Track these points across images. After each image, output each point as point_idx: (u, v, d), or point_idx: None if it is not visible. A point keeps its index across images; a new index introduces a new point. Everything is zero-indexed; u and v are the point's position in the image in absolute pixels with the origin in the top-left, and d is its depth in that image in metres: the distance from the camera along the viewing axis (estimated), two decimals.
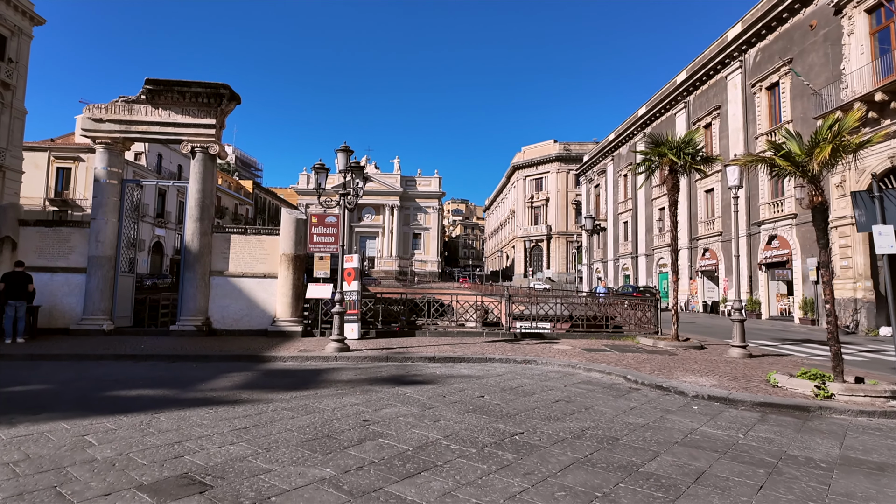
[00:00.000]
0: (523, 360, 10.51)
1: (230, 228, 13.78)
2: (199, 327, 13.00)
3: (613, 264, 49.41)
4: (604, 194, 52.34)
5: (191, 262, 13.18)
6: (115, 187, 13.28)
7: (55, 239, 13.17)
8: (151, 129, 13.16)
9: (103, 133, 13.06)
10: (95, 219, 13.04)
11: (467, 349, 11.61)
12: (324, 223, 13.60)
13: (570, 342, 13.39)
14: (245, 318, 13.52)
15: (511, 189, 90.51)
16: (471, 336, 13.87)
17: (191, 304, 13.10)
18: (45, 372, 8.72)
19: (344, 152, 11.05)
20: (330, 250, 13.53)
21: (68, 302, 13.06)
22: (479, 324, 14.86)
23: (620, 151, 48.19)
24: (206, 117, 13.26)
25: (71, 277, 13.11)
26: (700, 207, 34.58)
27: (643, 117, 42.61)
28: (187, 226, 13.34)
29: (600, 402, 7.23)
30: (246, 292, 13.56)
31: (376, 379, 8.54)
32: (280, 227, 13.71)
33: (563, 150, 76.71)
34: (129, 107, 13.12)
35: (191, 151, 13.35)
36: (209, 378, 8.35)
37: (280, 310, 13.40)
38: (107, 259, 13.00)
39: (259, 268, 13.67)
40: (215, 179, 13.71)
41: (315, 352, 10.83)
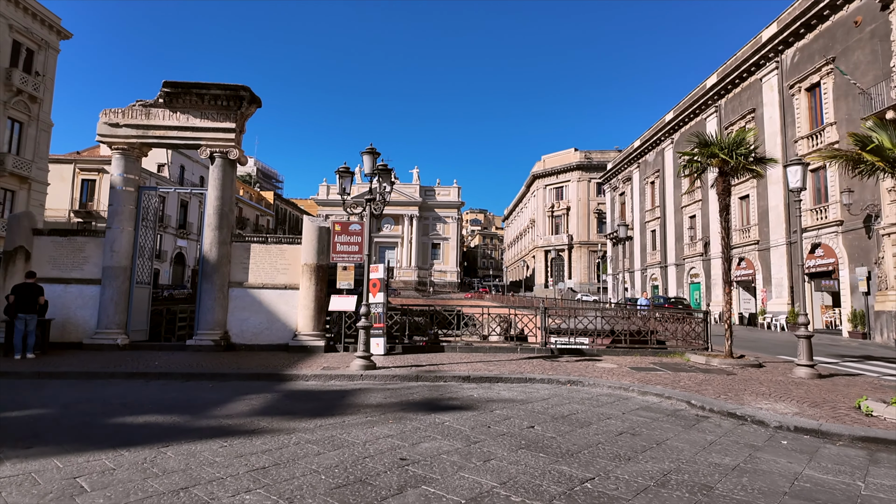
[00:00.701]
0: (567, 380, 9.51)
1: (250, 237, 13.12)
2: (217, 342, 12.29)
3: (640, 274, 47.88)
4: (629, 202, 50.96)
5: (209, 273, 12.52)
6: (132, 195, 12.73)
7: (69, 249, 12.64)
8: (169, 133, 12.60)
9: (120, 138, 12.54)
10: (111, 227, 12.48)
11: (503, 367, 10.66)
12: (347, 231, 12.82)
13: (614, 359, 12.32)
14: (265, 331, 12.77)
15: (531, 198, 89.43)
16: (504, 352, 12.90)
17: (208, 317, 12.41)
18: (50, 393, 8.03)
19: (370, 154, 10.29)
20: (354, 260, 12.74)
21: (82, 315, 12.48)
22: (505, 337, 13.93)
23: (647, 158, 46.88)
24: (225, 121, 12.66)
25: (85, 289, 12.54)
26: (734, 215, 33.06)
27: (670, 123, 41.34)
28: (205, 234, 12.70)
29: (671, 435, 6.22)
30: (266, 304, 12.84)
31: (409, 403, 7.64)
32: (301, 235, 12.99)
33: (584, 158, 75.51)
34: (147, 111, 12.59)
35: (209, 157, 12.75)
36: (225, 401, 7.55)
37: (302, 323, 12.63)
38: (122, 270, 12.41)
39: (280, 279, 12.95)
40: (235, 186, 13.09)
41: (339, 370, 9.99)
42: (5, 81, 32.71)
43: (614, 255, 54.75)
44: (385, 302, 12.32)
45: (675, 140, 41.39)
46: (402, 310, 13.36)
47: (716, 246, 34.91)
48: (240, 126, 12.89)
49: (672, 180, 41.51)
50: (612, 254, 55.06)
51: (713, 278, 35.41)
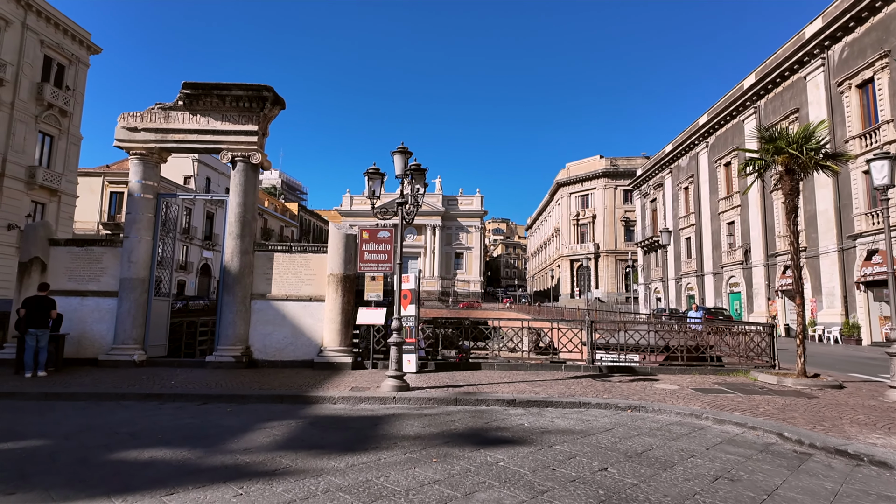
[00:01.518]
0: (628, 405, 8.36)
1: (273, 245, 12.34)
2: (238, 358, 11.48)
3: (675, 284, 45.99)
4: (661, 209, 49.21)
5: (230, 284, 11.76)
6: (150, 202, 12.10)
7: (86, 260, 12.05)
8: (189, 137, 11.95)
9: (138, 143, 11.95)
10: (128, 237, 11.84)
11: (550, 389, 9.55)
12: (376, 239, 11.94)
13: (671, 378, 11.09)
14: (289, 347, 11.93)
15: (555, 206, 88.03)
16: (547, 370, 11.78)
17: (229, 332, 11.63)
18: (54, 418, 7.26)
19: (402, 154, 9.39)
20: (383, 269, 11.84)
21: (98, 329, 11.83)
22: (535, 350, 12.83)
23: (679, 163, 45.22)
24: (247, 123, 11.96)
25: (101, 302, 11.91)
26: (777, 220, 31.31)
27: (705, 126, 39.73)
28: (226, 243, 11.97)
29: (778, 481, 5.06)
30: (290, 318, 12.00)
31: (452, 435, 6.61)
32: (327, 244, 12.15)
33: (610, 165, 73.97)
34: (166, 114, 11.99)
35: (231, 161, 12.05)
36: (244, 430, 6.65)
37: (328, 337, 11.75)
38: (139, 281, 11.74)
39: (305, 290, 12.12)
40: (257, 192, 12.36)
41: (369, 390, 9.03)
42: (37, 96, 33.14)
43: (646, 264, 52.94)
44: (417, 315, 11.36)
45: (709, 144, 39.76)
46: (433, 323, 12.36)
47: (757, 253, 33.14)
48: (262, 128, 12.18)
49: (708, 185, 39.82)
50: (644, 262, 53.24)
51: (755, 287, 33.57)
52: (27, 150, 32.55)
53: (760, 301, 32.83)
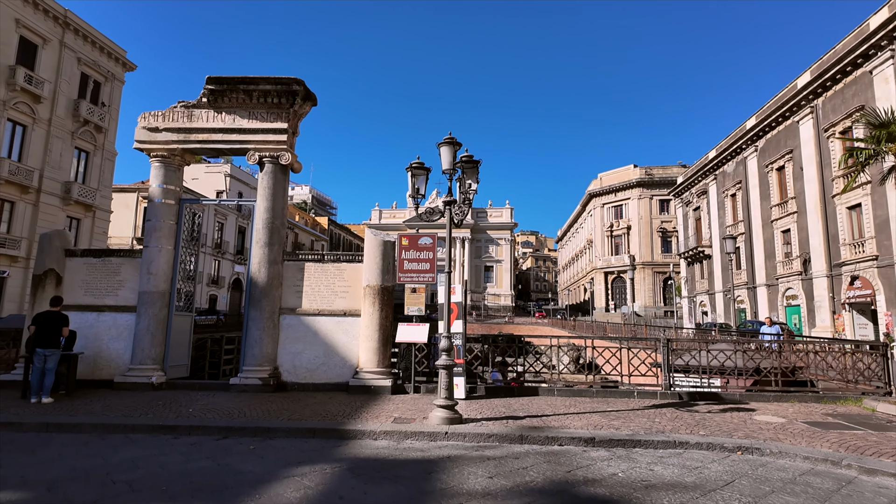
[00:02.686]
0: (735, 445, 6.73)
1: (304, 255, 11.16)
2: (266, 380, 10.27)
3: (722, 297, 43.29)
4: (705, 217, 46.69)
5: (257, 298, 10.60)
6: (172, 208, 11.10)
7: (104, 272, 11.09)
8: (213, 137, 10.94)
9: (159, 145, 11.01)
10: (147, 246, 10.84)
11: (630, 422, 7.97)
12: (416, 245, 10.62)
13: (767, 408, 9.33)
14: (321, 367, 10.66)
15: (587, 218, 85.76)
16: (616, 397, 10.16)
17: (256, 350, 10.45)
18: (47, 456, 6.09)
19: (449, 145, 8.07)
20: (425, 280, 10.49)
21: (115, 348, 10.81)
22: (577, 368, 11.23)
23: (725, 169, 42.84)
24: (276, 121, 10.90)
25: (119, 318, 10.91)
26: (842, 227, 28.81)
27: (753, 130, 37.43)
28: (253, 252, 10.85)
29: None
30: (322, 335, 10.75)
31: (529, 491, 5.13)
32: (363, 252, 10.90)
33: (645, 174, 71.57)
34: (189, 113, 11.02)
35: (258, 162, 10.98)
36: (267, 479, 5.32)
37: (364, 357, 10.44)
38: (159, 295, 10.69)
39: (338, 304, 10.87)
40: (287, 196, 11.26)
41: (415, 423, 7.63)
42: (73, 112, 33.43)
43: (689, 276, 50.30)
44: (464, 332, 9.94)
45: (759, 148, 37.42)
46: (488, 340, 10.89)
47: (819, 263, 30.59)
48: (293, 126, 11.09)
49: (758, 191, 37.40)
50: (687, 274, 50.61)
51: (817, 300, 30.93)
52: (63, 165, 32.77)
53: (824, 315, 30.20)
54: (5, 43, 29.26)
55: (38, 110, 30.97)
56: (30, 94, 30.09)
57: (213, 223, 54.78)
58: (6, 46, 29.28)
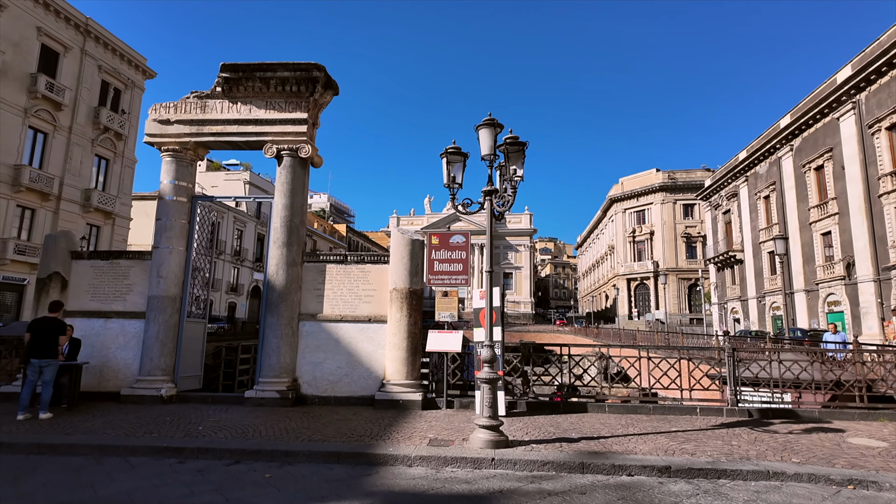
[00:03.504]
0: (843, 477, 5.56)
1: (325, 256, 10.24)
2: (284, 393, 9.33)
3: (756, 303, 41.46)
4: (736, 221, 44.93)
5: (274, 303, 9.71)
6: (184, 206, 10.30)
7: (112, 275, 10.32)
8: (227, 129, 10.14)
9: (170, 138, 10.23)
10: (158, 247, 10.04)
11: (703, 444, 6.82)
12: (448, 244, 9.65)
13: (856, 427, 8.08)
14: (344, 378, 9.70)
15: (608, 223, 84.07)
16: (676, 413, 8.99)
17: (273, 360, 9.53)
18: (30, 486, 5.21)
19: (489, 128, 7.08)
20: (457, 282, 9.51)
21: (122, 357, 10.00)
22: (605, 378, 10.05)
23: (757, 170, 41.15)
24: (295, 110, 10.05)
25: (127, 325, 10.11)
26: (891, 228, 27.09)
27: (788, 128, 35.79)
28: (270, 254, 9.98)
29: None
30: (345, 343, 9.80)
31: None
32: (389, 253, 9.95)
33: (668, 178, 69.89)
34: (202, 103, 10.25)
35: (276, 156, 10.13)
36: None
37: (391, 368, 9.44)
38: (170, 300, 9.87)
39: (363, 309, 9.91)
40: (307, 193, 10.39)
41: (454, 445, 6.60)
42: (93, 120, 33.42)
43: (719, 282, 48.44)
44: (503, 340, 8.89)
45: (794, 147, 35.75)
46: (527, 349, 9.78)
47: (864, 267, 28.84)
48: (313, 116, 10.23)
49: (794, 192, 35.69)
50: (717, 280, 48.75)
51: (863, 306, 29.14)
52: (83, 173, 32.72)
53: (871, 321, 28.40)
54: (27, 51, 29.29)
55: (59, 118, 30.95)
56: (51, 101, 30.07)
57: (232, 230, 54.65)
58: (28, 54, 29.31)
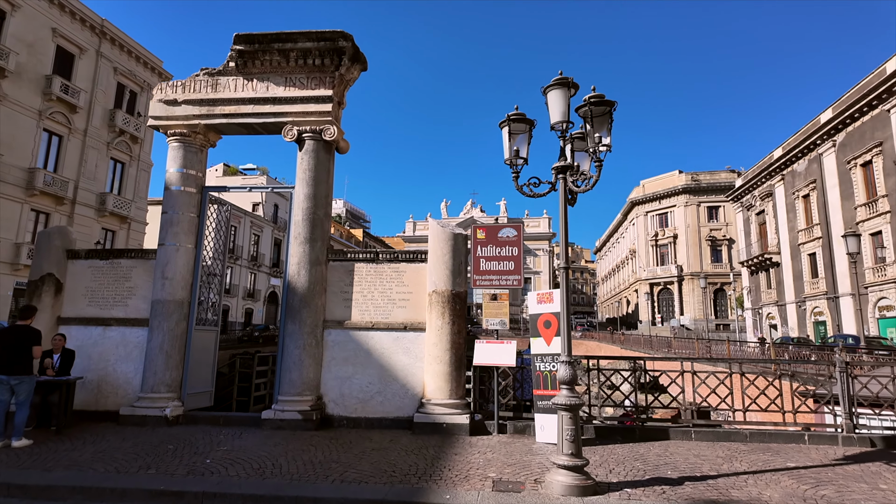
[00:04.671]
0: None
1: (353, 253, 8.90)
2: (307, 414, 7.97)
3: (795, 308, 39.27)
4: (771, 222, 42.81)
5: (295, 308, 8.37)
6: (193, 198, 9.04)
7: (112, 277, 9.09)
8: (241, 109, 8.87)
9: (177, 121, 9.00)
10: (163, 244, 8.77)
11: (844, 489, 5.28)
12: (496, 239, 8.24)
13: None
14: (376, 397, 8.30)
15: (629, 227, 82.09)
16: (780, 441, 7.42)
17: (294, 374, 8.18)
18: None
19: (560, 89, 5.66)
20: (509, 283, 8.09)
21: (123, 370, 8.74)
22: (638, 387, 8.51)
23: (795, 168, 39.08)
24: (318, 87, 8.75)
25: (129, 333, 8.85)
26: None
27: (830, 123, 33.79)
28: (290, 251, 8.65)
29: None
30: (377, 355, 8.42)
31: None
32: (427, 250, 8.56)
33: (691, 180, 67.92)
34: (214, 81, 9.00)
35: (297, 139, 8.83)
36: None
37: (431, 384, 8.02)
38: (176, 305, 8.58)
39: (397, 315, 8.53)
40: (332, 181, 9.07)
41: (526, 490, 5.15)
42: (109, 123, 32.83)
43: (753, 286, 46.23)
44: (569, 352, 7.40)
45: (838, 142, 33.72)
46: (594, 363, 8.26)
47: None
48: (338, 94, 8.92)
49: (838, 191, 33.62)
50: (751, 284, 46.54)
51: None
52: (98, 176, 32.07)
53: None
54: (42, 52, 28.71)
55: (74, 120, 30.33)
56: (66, 103, 29.45)
57: (249, 235, 53.93)
58: (42, 56, 28.73)
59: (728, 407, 7.96)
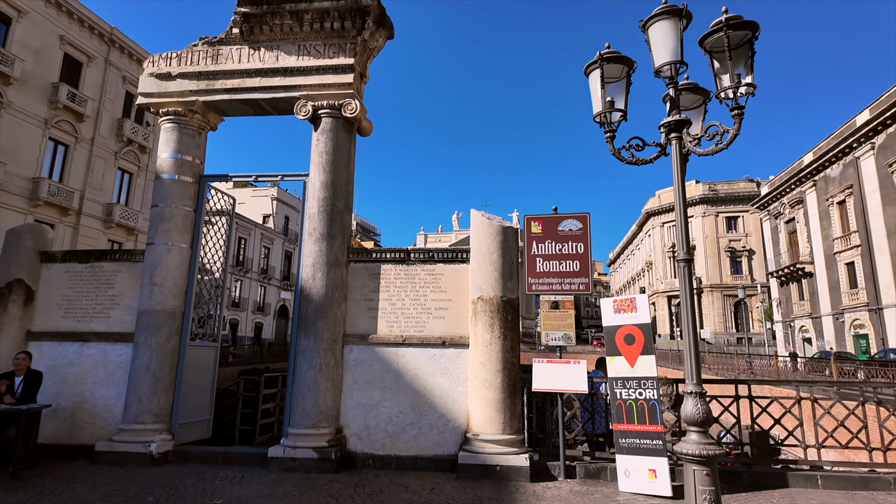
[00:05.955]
0: None
1: (379, 252, 7.39)
2: (324, 451, 6.40)
3: (832, 320, 37.11)
4: (802, 230, 40.84)
5: (310, 319, 6.85)
6: (189, 188, 7.62)
7: (92, 283, 7.65)
8: (246, 82, 7.47)
9: (172, 97, 7.61)
10: (152, 243, 7.33)
11: None
12: (556, 233, 6.70)
13: None
14: (408, 429, 6.71)
15: (645, 238, 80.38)
16: None
17: (308, 402, 6.63)
18: None
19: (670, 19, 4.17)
20: (574, 288, 6.54)
21: (103, 395, 7.24)
22: None
23: (828, 174, 37.23)
24: (337, 55, 7.34)
25: (110, 351, 7.36)
26: None
27: (868, 125, 32.02)
28: (304, 251, 7.16)
29: None
30: (409, 377, 6.86)
31: None
32: (469, 247, 7.03)
33: (709, 190, 66.49)
34: (214, 52, 7.63)
35: (311, 117, 7.39)
36: None
37: (479, 415, 6.42)
38: (167, 316, 7.10)
39: (434, 327, 6.97)
40: (353, 166, 7.61)
41: None
42: (117, 132, 32.00)
43: (784, 298, 44.08)
44: (657, 376, 5.80)
45: (877, 145, 31.91)
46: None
47: None
48: (361, 63, 7.49)
49: (878, 195, 31.73)
50: (781, 296, 44.40)
51: None
52: (105, 187, 31.12)
53: None
54: (49, 60, 27.91)
55: (81, 129, 29.44)
56: (73, 112, 28.57)
57: (259, 248, 52.79)
58: (50, 64, 27.92)
59: (799, 442, 6.29)
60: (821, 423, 6.19)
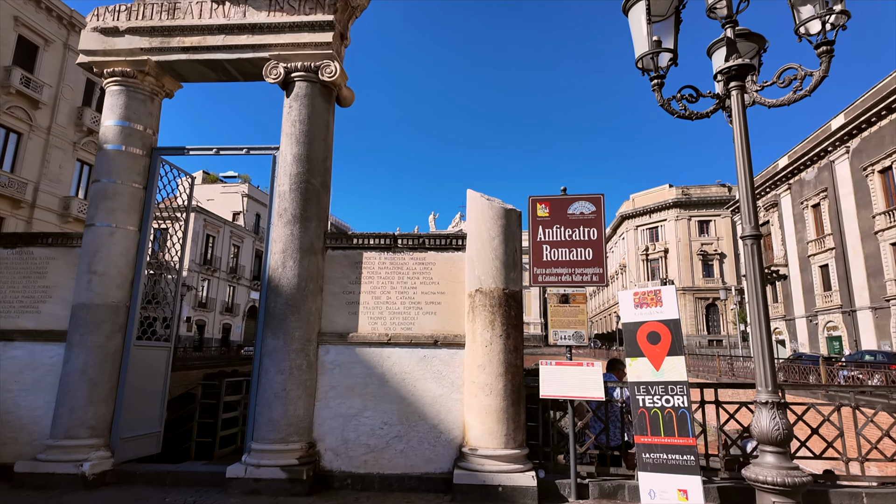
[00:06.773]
0: None
1: (361, 237, 6.43)
2: (294, 470, 5.42)
3: (806, 323, 37.56)
4: (777, 233, 41.35)
5: (279, 315, 5.86)
6: (138, 162, 6.52)
7: (20, 272, 6.48)
8: (208, 40, 6.43)
9: (119, 56, 6.51)
10: (92, 225, 6.21)
11: None
12: (565, 217, 5.90)
13: None
14: (395, 444, 5.78)
15: (619, 241, 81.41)
16: None
17: (275, 412, 5.64)
18: None
19: None
20: (586, 279, 5.74)
21: (29, 405, 6.09)
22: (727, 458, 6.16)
23: (803, 177, 37.71)
24: (314, 11, 6.37)
25: (39, 351, 6.22)
26: None
27: (843, 129, 32.46)
28: (273, 235, 6.16)
29: None
30: (396, 382, 5.92)
31: None
32: (464, 234, 6.16)
33: (682, 194, 67.90)
34: (171, 5, 6.56)
35: (282, 80, 6.39)
36: None
37: (477, 426, 5.53)
38: (108, 310, 6.00)
39: (424, 324, 6.06)
40: (332, 138, 6.64)
41: None
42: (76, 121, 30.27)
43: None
44: (686, 380, 5.02)
45: (852, 149, 32.36)
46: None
47: None
48: (342, 21, 6.53)
49: (852, 199, 32.17)
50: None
51: None
52: (63, 179, 29.21)
53: None
54: (2, 42, 26.01)
55: (37, 117, 27.50)
56: (27, 98, 26.64)
57: (228, 246, 50.86)
58: (2, 46, 26.02)
59: (840, 455, 5.62)
60: (862, 433, 5.49)
